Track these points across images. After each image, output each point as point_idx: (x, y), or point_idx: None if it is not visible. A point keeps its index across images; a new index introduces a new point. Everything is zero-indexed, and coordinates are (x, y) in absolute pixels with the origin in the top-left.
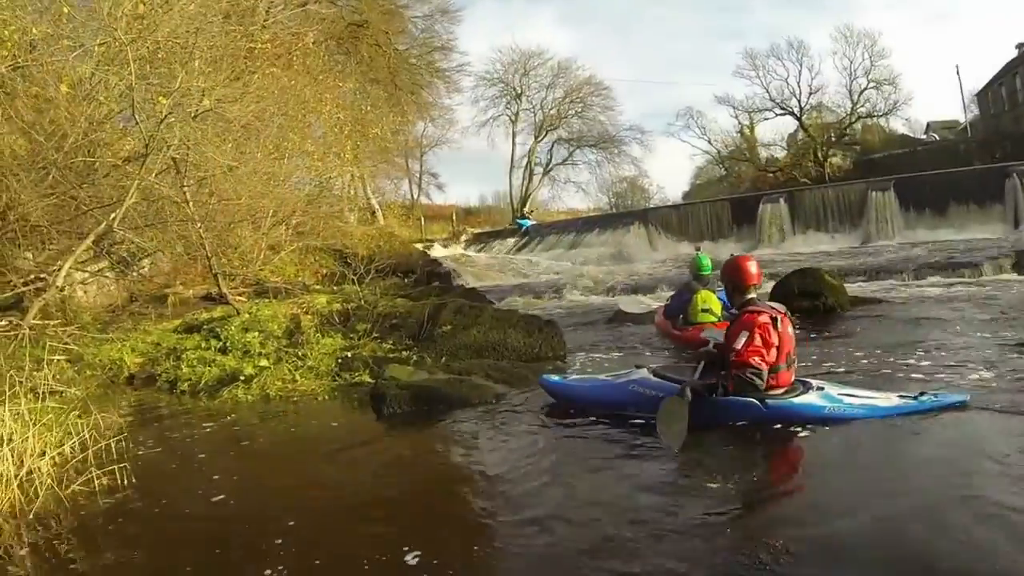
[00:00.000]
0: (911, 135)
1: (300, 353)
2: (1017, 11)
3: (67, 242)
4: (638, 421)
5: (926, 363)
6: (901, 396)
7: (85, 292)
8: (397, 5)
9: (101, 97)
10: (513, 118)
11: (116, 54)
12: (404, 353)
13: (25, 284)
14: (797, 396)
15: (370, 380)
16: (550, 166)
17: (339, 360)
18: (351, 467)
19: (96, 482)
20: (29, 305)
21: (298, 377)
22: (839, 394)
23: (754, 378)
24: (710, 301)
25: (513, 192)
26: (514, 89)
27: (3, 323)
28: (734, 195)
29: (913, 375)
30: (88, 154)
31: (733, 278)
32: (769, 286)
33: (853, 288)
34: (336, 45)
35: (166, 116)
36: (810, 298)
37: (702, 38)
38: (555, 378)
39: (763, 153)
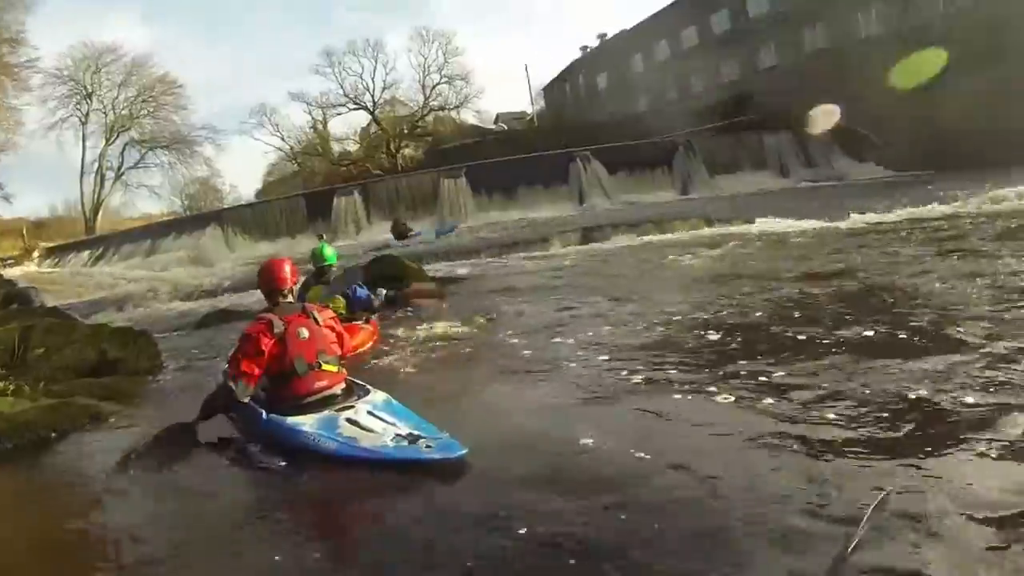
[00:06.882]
0: (481, 125)
1: None
2: (584, 17)
3: None
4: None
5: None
6: (396, 436)
7: None
8: None
9: None
10: (83, 119)
11: None
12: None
13: None
14: (313, 412)
15: None
16: (122, 170)
17: None
18: None
19: None
20: None
21: None
22: (346, 418)
23: (231, 387)
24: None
25: (84, 199)
26: (85, 87)
27: None
28: (308, 190)
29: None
30: None
31: (266, 282)
32: None
33: (437, 269)
34: None
35: None
36: (392, 283)
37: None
38: None
39: (336, 147)
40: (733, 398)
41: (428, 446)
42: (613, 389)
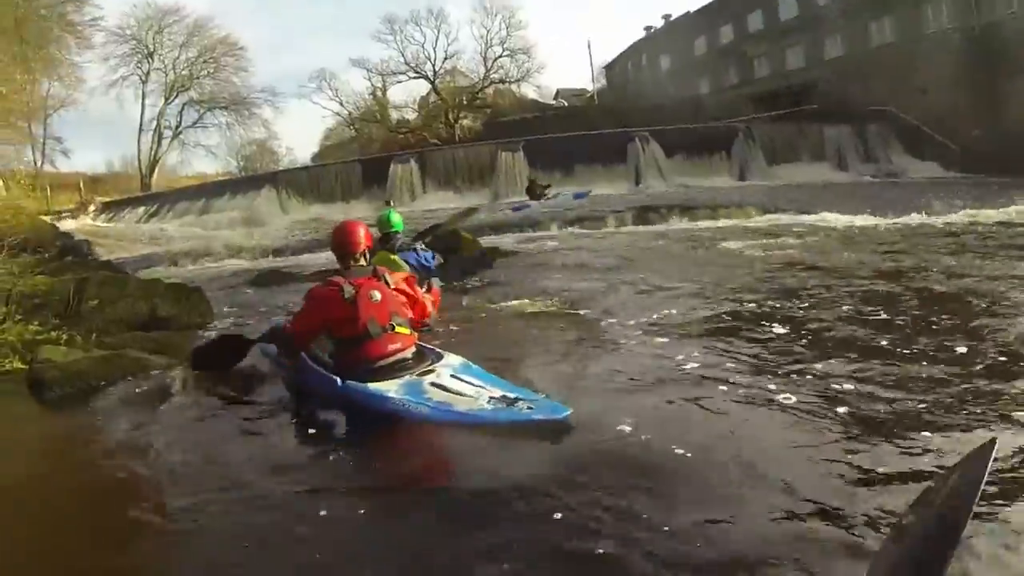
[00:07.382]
0: (541, 100)
1: None
2: None
3: None
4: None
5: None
6: (492, 399)
7: None
8: None
9: None
10: (144, 78)
11: None
12: (53, 333)
13: None
14: (388, 378)
15: (22, 366)
16: (180, 129)
17: None
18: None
19: None
20: None
21: None
22: (431, 383)
23: (282, 346)
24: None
25: (141, 156)
26: (147, 47)
27: None
28: (365, 156)
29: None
30: None
31: (338, 244)
32: None
33: (490, 241)
34: None
35: None
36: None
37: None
38: None
39: (394, 115)
40: (795, 399)
41: (529, 407)
42: (663, 376)
